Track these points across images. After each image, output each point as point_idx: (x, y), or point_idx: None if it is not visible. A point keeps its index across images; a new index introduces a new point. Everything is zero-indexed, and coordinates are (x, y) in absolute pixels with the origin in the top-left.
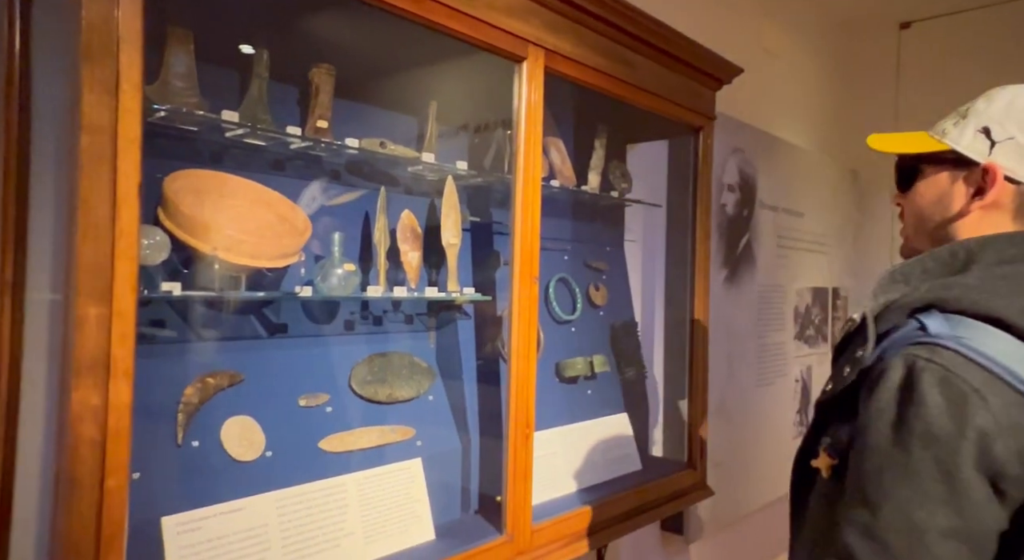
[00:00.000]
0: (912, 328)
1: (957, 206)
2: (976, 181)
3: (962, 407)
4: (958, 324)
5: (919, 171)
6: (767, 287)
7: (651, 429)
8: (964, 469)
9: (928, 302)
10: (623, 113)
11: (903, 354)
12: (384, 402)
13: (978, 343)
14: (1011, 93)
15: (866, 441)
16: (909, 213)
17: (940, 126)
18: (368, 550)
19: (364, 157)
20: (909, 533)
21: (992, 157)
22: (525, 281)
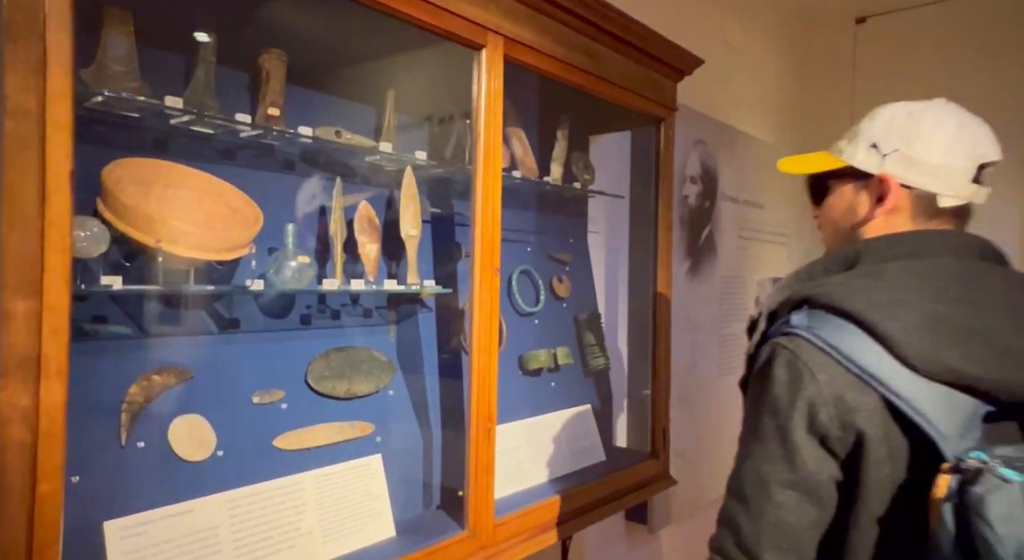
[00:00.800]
0: (782, 322)
1: (863, 213)
2: (876, 190)
3: (797, 383)
4: (816, 318)
5: (828, 187)
6: (729, 278)
7: (615, 420)
8: (796, 433)
9: (803, 299)
10: (585, 104)
11: (770, 343)
12: (343, 398)
13: (826, 333)
14: (889, 111)
15: (744, 412)
16: (826, 223)
17: (837, 145)
18: (326, 549)
19: (319, 146)
20: (758, 484)
21: (884, 168)
22: (486, 273)
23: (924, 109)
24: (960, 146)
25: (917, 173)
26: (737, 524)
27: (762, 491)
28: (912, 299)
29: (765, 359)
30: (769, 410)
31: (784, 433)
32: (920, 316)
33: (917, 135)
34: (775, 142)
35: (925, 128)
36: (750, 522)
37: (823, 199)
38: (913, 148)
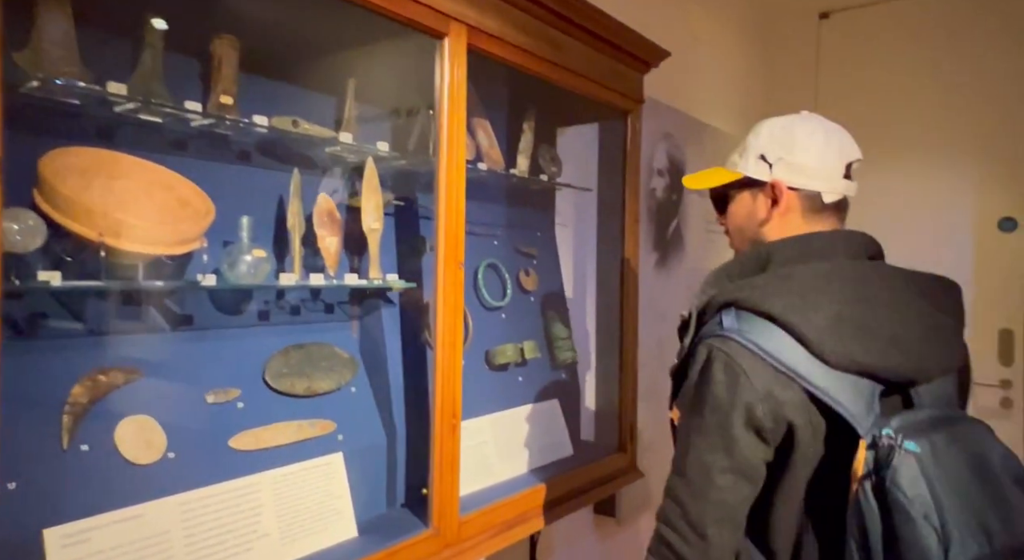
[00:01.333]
0: (715, 323)
1: (762, 215)
2: (769, 194)
3: (734, 385)
4: (743, 320)
5: (728, 197)
6: (696, 271)
7: (583, 414)
8: (735, 428)
9: (728, 301)
10: (552, 95)
11: (705, 343)
12: (302, 395)
13: (754, 335)
14: (768, 126)
15: (684, 406)
16: (731, 228)
17: (731, 160)
18: (285, 551)
19: (276, 137)
20: (701, 470)
21: (773, 175)
22: (450, 267)
23: (794, 121)
24: (829, 149)
25: (800, 176)
26: (683, 502)
27: (705, 476)
28: (820, 301)
29: (704, 360)
30: (710, 408)
31: (724, 428)
32: (828, 317)
33: (794, 143)
34: (741, 135)
35: (800, 137)
36: (694, 502)
37: (726, 208)
38: (794, 155)
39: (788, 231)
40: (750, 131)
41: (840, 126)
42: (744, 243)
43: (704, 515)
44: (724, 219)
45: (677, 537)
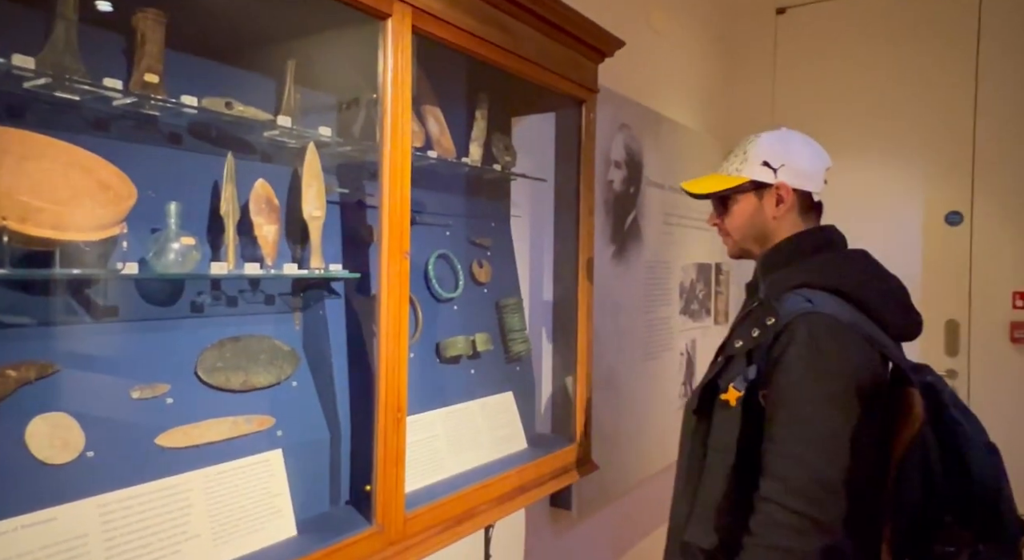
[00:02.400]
0: (801, 300)
1: (768, 214)
2: (774, 195)
3: (846, 351)
4: (820, 297)
5: (731, 199)
6: (654, 263)
7: (537, 407)
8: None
9: (800, 282)
10: (506, 83)
11: (802, 319)
12: (238, 390)
13: (834, 309)
14: (765, 138)
15: (790, 376)
16: (733, 228)
17: (730, 167)
18: (217, 552)
19: (208, 119)
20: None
21: (779, 178)
22: (395, 256)
23: (787, 134)
24: (817, 157)
25: (799, 179)
26: (814, 466)
27: (837, 439)
28: (866, 279)
29: (808, 332)
30: (830, 375)
31: (848, 392)
32: (879, 293)
33: (791, 152)
34: (699, 128)
35: (795, 146)
36: (829, 466)
37: (727, 209)
38: (794, 161)
39: (791, 225)
40: (744, 144)
41: (814, 141)
42: (747, 240)
43: (837, 477)
44: (723, 219)
45: (808, 504)
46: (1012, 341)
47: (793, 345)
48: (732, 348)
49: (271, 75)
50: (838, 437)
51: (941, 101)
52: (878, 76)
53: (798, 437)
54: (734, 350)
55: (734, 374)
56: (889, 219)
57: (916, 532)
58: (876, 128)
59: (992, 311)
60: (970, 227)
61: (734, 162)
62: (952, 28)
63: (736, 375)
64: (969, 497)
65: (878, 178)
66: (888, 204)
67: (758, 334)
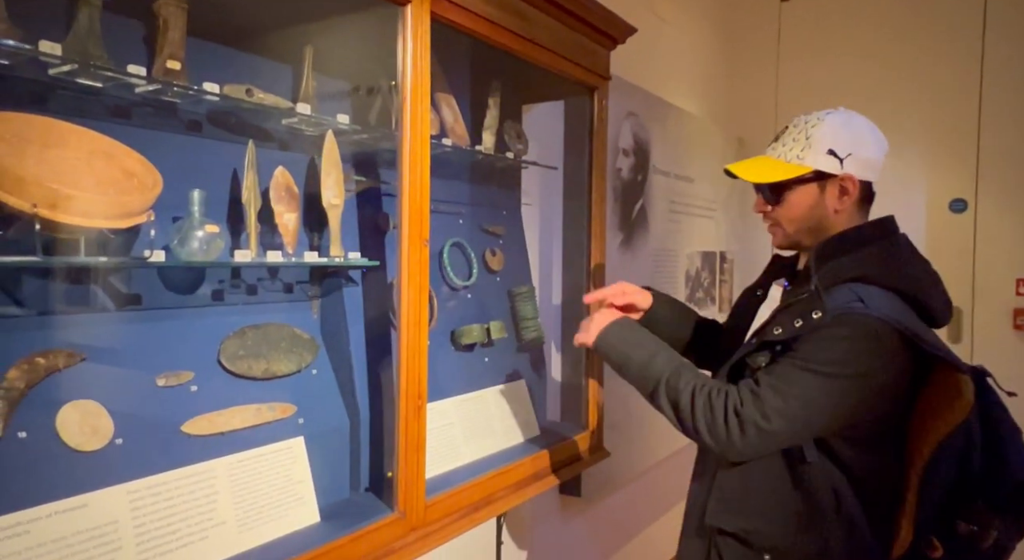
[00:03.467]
0: (852, 296)
1: (831, 206)
2: (838, 187)
3: (878, 351)
4: (872, 292)
5: (788, 188)
6: (660, 251)
7: (549, 394)
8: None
9: (855, 276)
10: (518, 71)
11: (847, 318)
12: (260, 378)
13: (887, 309)
14: (830, 122)
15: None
16: (787, 219)
17: (789, 151)
18: (242, 539)
19: (228, 106)
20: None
21: (845, 169)
22: (415, 245)
23: (851, 117)
24: (880, 144)
25: (865, 169)
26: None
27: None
28: (920, 274)
29: (851, 330)
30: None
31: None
32: (929, 284)
33: (860, 139)
34: (704, 116)
35: (862, 133)
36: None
37: (780, 197)
38: (861, 151)
39: (848, 217)
40: (804, 126)
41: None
42: (801, 233)
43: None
44: (774, 210)
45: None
46: (1015, 328)
47: (829, 333)
48: (770, 334)
49: (288, 62)
50: (811, 410)
51: (946, 89)
52: (882, 64)
53: (774, 387)
54: (772, 336)
55: (765, 357)
56: (893, 206)
57: (944, 511)
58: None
59: (995, 298)
60: (974, 214)
61: (794, 148)
62: (957, 16)
63: (768, 358)
64: (1002, 482)
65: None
66: (892, 191)
67: (800, 325)
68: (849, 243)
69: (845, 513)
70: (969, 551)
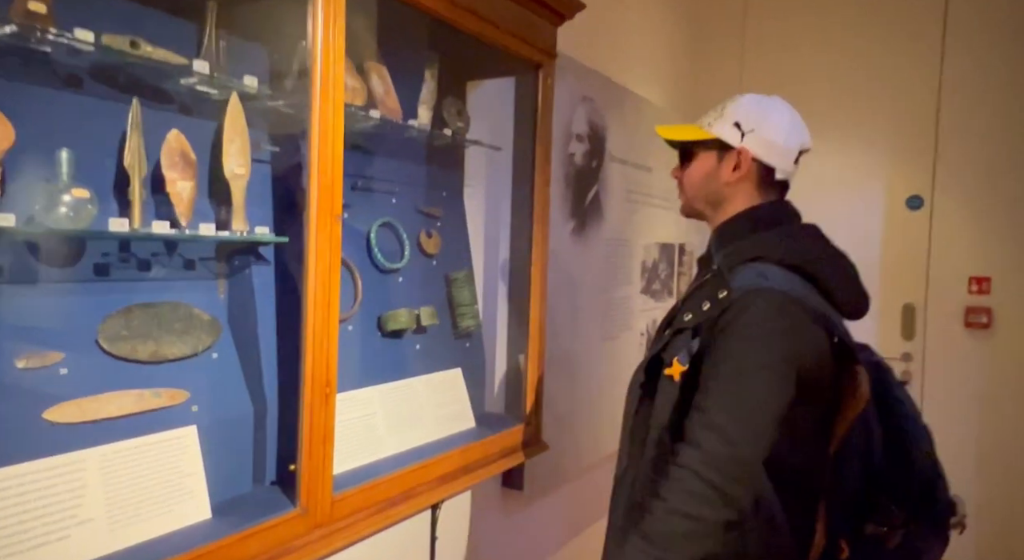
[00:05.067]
0: (754, 275)
1: (723, 178)
2: (733, 159)
3: (794, 329)
4: (773, 273)
5: (694, 153)
6: (615, 241)
7: (488, 384)
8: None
9: (755, 255)
10: (461, 45)
11: (754, 294)
12: (147, 361)
13: (788, 286)
14: (749, 99)
15: (729, 347)
16: (688, 183)
17: (705, 120)
18: (115, 537)
19: (114, 61)
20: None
21: (743, 143)
22: (324, 220)
23: (772, 102)
24: (793, 134)
25: (765, 150)
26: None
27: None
28: (822, 256)
29: (758, 308)
30: (771, 351)
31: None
32: (831, 269)
33: (767, 120)
34: (665, 105)
35: (773, 116)
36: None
37: (689, 162)
38: (765, 131)
39: (745, 196)
40: (730, 99)
41: (800, 117)
42: (697, 200)
43: (757, 454)
44: (681, 172)
45: (722, 478)
46: (966, 326)
47: (740, 318)
48: (680, 321)
49: (189, 17)
50: (765, 413)
51: (906, 85)
52: (844, 58)
53: (725, 408)
54: (682, 323)
55: (679, 348)
56: (851, 202)
57: (851, 511)
58: (841, 111)
59: (948, 295)
60: (930, 212)
61: (711, 115)
62: (919, 13)
63: (681, 349)
64: (907, 478)
65: (841, 161)
66: (850, 187)
67: (708, 307)
68: (748, 223)
69: (765, 513)
70: (876, 553)
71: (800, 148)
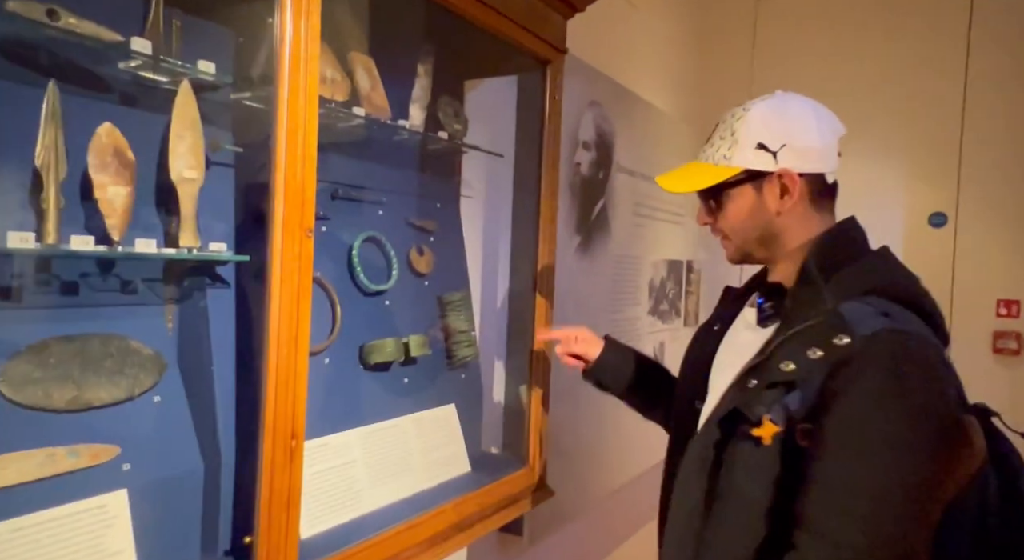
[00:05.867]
0: (873, 313)
1: (771, 210)
2: (776, 186)
3: (936, 383)
4: (895, 309)
5: (723, 194)
6: (623, 257)
7: (485, 422)
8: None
9: (865, 289)
10: (460, 38)
11: (883, 338)
12: (64, 410)
13: (916, 326)
14: (757, 112)
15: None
16: (729, 228)
17: (714, 152)
18: None
19: (32, 36)
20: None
21: (780, 163)
22: (292, 235)
23: (783, 103)
24: (825, 127)
25: (806, 161)
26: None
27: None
28: (921, 285)
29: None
30: (916, 412)
31: (940, 434)
32: (932, 301)
33: (793, 127)
34: (674, 113)
35: (796, 119)
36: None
37: (719, 206)
38: (797, 139)
39: (802, 218)
40: (731, 120)
41: (815, 101)
42: (750, 243)
43: (896, 541)
44: (716, 220)
45: None
46: (994, 351)
47: (868, 371)
48: (777, 371)
49: None
50: (907, 490)
51: (928, 96)
52: (863, 69)
53: (854, 486)
54: (782, 375)
55: (769, 402)
56: (868, 219)
57: None
58: (858, 122)
59: (974, 319)
60: (954, 230)
61: (721, 147)
62: (942, 17)
63: (772, 403)
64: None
65: (858, 175)
66: (867, 203)
67: (821, 356)
68: (846, 246)
69: None
70: None
71: (838, 136)
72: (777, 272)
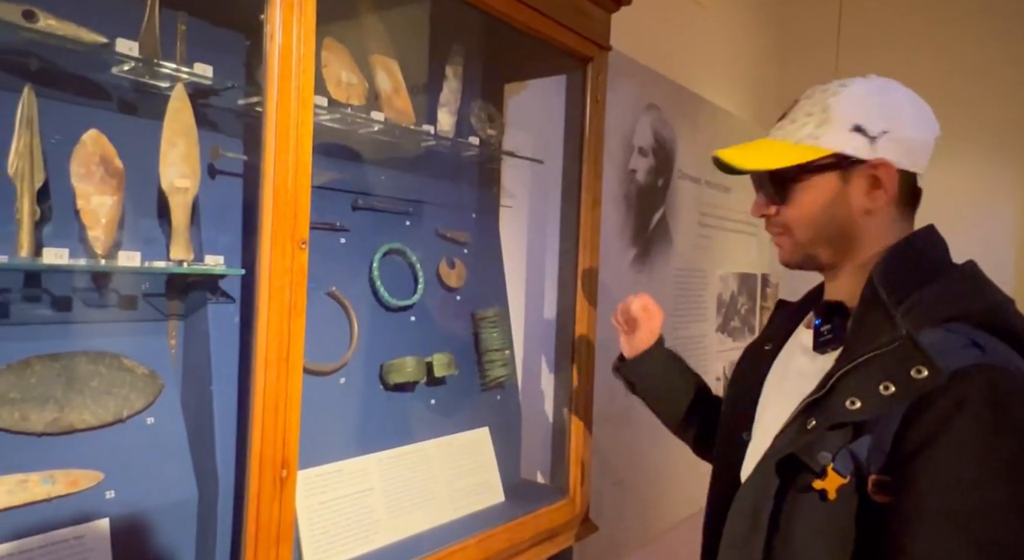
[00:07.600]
0: (960, 344)
1: (856, 206)
2: (867, 178)
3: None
4: (986, 338)
5: (797, 179)
6: (686, 271)
7: (527, 448)
8: None
9: (950, 314)
10: (496, 38)
11: (977, 374)
12: (44, 432)
13: (1012, 361)
14: (856, 88)
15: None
16: (796, 221)
17: (800, 131)
18: None
19: (11, 39)
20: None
21: (878, 152)
22: (281, 247)
23: (887, 85)
24: (927, 121)
25: (906, 153)
26: None
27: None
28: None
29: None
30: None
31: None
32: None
33: (899, 113)
34: (748, 117)
35: (902, 104)
36: None
37: (787, 193)
38: (901, 128)
39: (884, 223)
40: (821, 95)
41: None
42: (818, 240)
43: None
44: (780, 209)
45: None
46: None
47: (961, 418)
48: (841, 410)
49: None
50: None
51: None
52: (960, 64)
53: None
54: (847, 415)
55: (832, 447)
56: (971, 226)
57: None
58: (957, 121)
59: None
60: None
61: (807, 124)
62: None
63: (836, 449)
64: None
65: (958, 178)
66: (971, 209)
67: (894, 392)
68: (922, 262)
69: None
70: None
71: (935, 134)
72: (838, 288)
